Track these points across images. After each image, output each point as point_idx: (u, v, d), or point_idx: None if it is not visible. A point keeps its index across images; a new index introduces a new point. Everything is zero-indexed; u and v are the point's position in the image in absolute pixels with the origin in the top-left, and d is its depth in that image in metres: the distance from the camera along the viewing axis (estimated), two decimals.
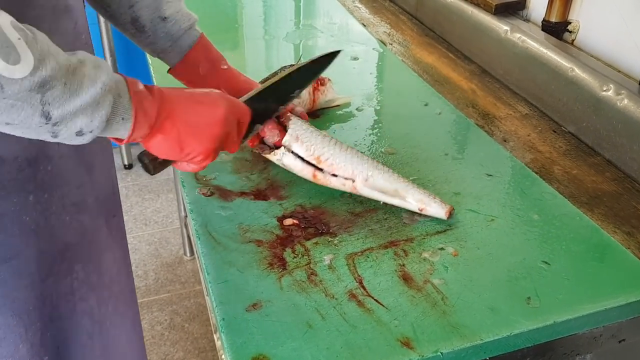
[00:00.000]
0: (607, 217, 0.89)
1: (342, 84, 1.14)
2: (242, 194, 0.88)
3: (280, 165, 0.87)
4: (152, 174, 0.75)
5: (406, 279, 0.73)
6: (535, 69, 1.18)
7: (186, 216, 1.97)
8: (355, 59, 1.33)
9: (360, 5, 1.73)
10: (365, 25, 1.57)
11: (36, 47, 0.54)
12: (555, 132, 1.11)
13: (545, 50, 1.16)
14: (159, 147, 0.69)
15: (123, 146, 2.51)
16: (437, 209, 0.82)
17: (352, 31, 1.53)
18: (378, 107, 1.15)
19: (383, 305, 0.69)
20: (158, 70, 1.11)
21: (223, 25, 1.55)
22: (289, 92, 0.86)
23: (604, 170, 1.00)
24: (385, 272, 0.74)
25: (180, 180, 0.91)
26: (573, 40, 1.19)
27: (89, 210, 0.84)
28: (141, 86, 0.65)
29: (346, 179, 0.84)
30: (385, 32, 1.55)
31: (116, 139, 0.65)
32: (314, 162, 0.84)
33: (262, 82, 0.99)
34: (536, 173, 0.95)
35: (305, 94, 1.05)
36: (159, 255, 2.13)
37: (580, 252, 0.78)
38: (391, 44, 1.47)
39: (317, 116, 1.09)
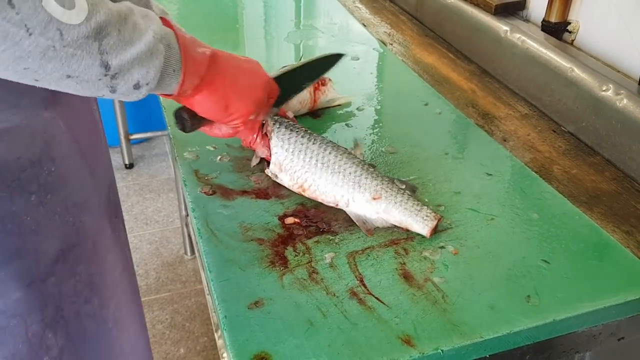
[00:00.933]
0: (607, 216, 0.89)
1: (342, 84, 1.15)
2: (244, 192, 0.88)
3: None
4: (186, 132, 0.76)
5: (407, 277, 0.74)
6: (535, 69, 1.18)
7: (187, 215, 1.98)
8: (356, 59, 1.33)
9: (360, 6, 1.74)
10: (365, 26, 1.57)
11: None
12: (554, 131, 1.12)
13: (545, 51, 1.17)
14: (203, 103, 0.69)
15: (124, 146, 2.52)
16: (419, 229, 0.80)
17: (353, 31, 1.53)
18: (378, 107, 1.15)
19: (384, 303, 0.70)
20: None
21: (224, 25, 1.56)
22: (300, 82, 0.92)
23: (603, 170, 1.01)
24: (386, 271, 0.74)
25: (182, 179, 0.91)
26: (573, 41, 1.20)
27: (92, 211, 0.83)
28: (189, 38, 0.64)
29: (330, 203, 0.84)
30: (385, 32, 1.56)
31: (166, 95, 0.66)
32: (299, 190, 0.86)
33: None
34: (536, 172, 0.96)
35: (307, 93, 1.06)
36: (159, 255, 2.14)
37: (579, 250, 0.79)
38: (391, 44, 1.48)
39: (318, 116, 1.10)
